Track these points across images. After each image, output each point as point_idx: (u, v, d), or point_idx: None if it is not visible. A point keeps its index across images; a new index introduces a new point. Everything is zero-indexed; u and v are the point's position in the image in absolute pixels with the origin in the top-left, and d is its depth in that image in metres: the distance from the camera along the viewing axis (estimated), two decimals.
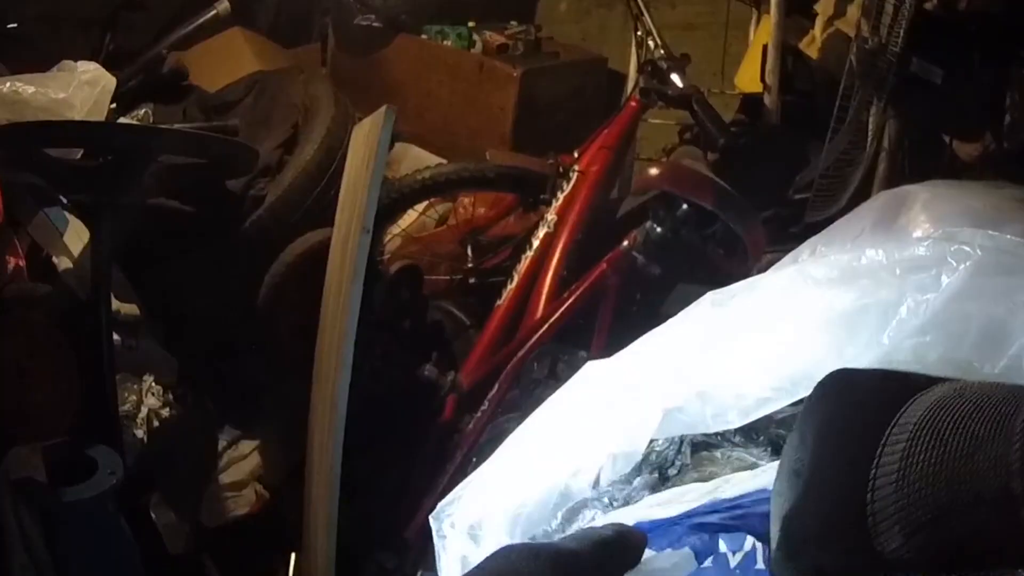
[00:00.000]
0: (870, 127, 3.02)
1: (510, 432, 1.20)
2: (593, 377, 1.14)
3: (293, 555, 2.82)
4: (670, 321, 1.13)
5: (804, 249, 1.41)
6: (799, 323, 1.06)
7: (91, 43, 3.69)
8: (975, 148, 3.15)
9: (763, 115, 3.54)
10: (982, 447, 0.78)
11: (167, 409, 2.79)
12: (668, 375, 1.10)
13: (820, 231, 1.55)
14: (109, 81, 2.77)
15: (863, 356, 1.01)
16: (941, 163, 3.14)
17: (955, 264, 0.97)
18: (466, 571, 0.98)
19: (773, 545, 0.89)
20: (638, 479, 1.09)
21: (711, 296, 1.12)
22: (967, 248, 0.98)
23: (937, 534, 0.78)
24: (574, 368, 1.22)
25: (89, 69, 2.76)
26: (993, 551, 0.78)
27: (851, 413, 0.89)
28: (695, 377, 1.10)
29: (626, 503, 1.07)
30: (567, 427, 1.13)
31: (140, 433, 2.73)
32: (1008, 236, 1.06)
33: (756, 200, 2.88)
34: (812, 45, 3.50)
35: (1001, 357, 0.96)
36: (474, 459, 2.48)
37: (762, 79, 3.53)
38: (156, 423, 2.75)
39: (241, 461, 3.02)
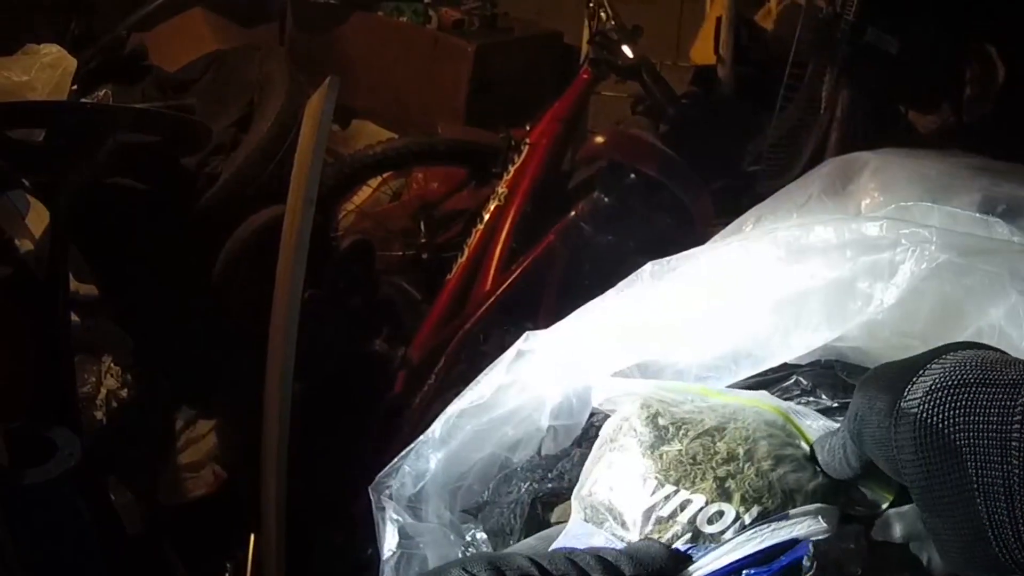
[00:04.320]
0: (823, 97, 3.03)
1: None
2: (531, 348, 1.12)
3: (252, 536, 2.82)
4: (609, 292, 1.11)
5: (749, 217, 1.38)
6: (742, 300, 1.03)
7: (57, 28, 3.67)
8: (933, 121, 3.16)
9: (717, 87, 3.54)
10: None
11: (125, 390, 2.78)
12: (607, 348, 1.08)
13: None
14: (70, 63, 2.76)
15: (811, 337, 0.99)
16: (897, 135, 3.16)
17: (909, 246, 0.93)
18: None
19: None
20: (577, 452, 1.08)
21: (650, 267, 1.09)
22: (922, 231, 0.94)
23: None
24: None
25: (51, 51, 2.75)
26: None
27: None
28: (635, 351, 1.08)
29: (560, 477, 1.05)
30: (506, 398, 1.10)
31: (99, 415, 2.72)
32: (963, 211, 1.05)
33: (708, 171, 2.88)
34: (768, 16, 3.51)
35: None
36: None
37: (716, 51, 3.53)
38: (114, 404, 2.75)
39: (199, 441, 3.01)
